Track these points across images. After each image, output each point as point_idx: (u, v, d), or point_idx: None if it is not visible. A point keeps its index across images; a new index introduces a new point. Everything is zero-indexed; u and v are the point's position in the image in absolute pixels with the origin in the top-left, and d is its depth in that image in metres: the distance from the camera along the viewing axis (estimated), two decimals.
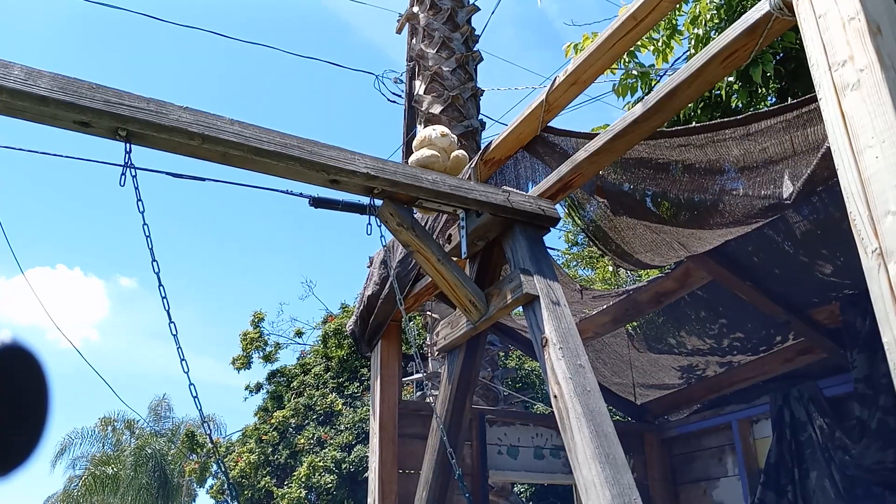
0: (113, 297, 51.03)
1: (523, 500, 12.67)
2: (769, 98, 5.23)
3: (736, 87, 5.04)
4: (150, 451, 23.18)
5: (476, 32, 8.89)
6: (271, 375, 16.99)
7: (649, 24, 3.30)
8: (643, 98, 5.56)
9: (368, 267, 5.07)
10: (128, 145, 2.77)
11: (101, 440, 24.76)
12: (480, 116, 8.52)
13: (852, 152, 2.11)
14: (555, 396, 3.08)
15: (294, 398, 15.54)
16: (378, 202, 3.36)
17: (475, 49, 8.74)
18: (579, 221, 4.70)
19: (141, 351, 49.15)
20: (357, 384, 15.14)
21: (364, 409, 14.20)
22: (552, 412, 3.22)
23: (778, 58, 4.94)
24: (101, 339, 46.84)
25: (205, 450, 17.96)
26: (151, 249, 2.73)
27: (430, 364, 7.91)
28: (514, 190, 3.69)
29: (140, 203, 2.74)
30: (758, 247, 4.90)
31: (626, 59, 5.55)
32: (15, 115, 2.62)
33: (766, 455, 5.53)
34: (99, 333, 48.12)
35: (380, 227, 3.39)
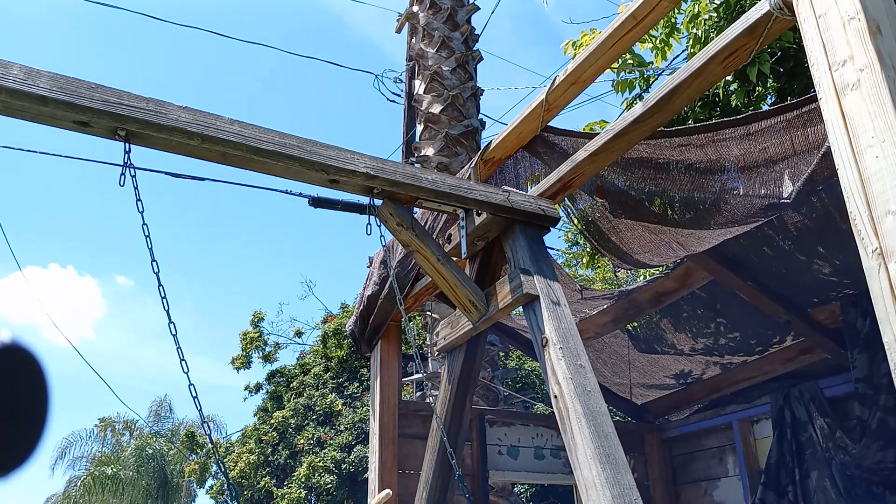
0: (109, 296, 50.89)
1: (523, 500, 12.67)
2: (768, 97, 5.23)
3: (735, 86, 5.04)
4: (150, 451, 23.18)
5: (476, 32, 8.89)
6: (271, 376, 16.98)
7: (649, 24, 3.30)
8: (641, 94, 5.59)
9: (368, 267, 5.06)
10: (127, 145, 2.77)
11: (101, 441, 24.75)
12: (480, 116, 8.52)
13: (852, 152, 2.11)
14: (555, 396, 3.07)
15: (294, 398, 15.53)
16: (378, 202, 3.35)
17: (475, 48, 8.73)
18: (577, 222, 4.69)
19: (138, 351, 49.12)
20: (357, 384, 15.13)
21: (364, 409, 14.20)
22: (552, 412, 3.21)
23: (776, 57, 4.94)
24: (97, 339, 46.76)
25: (204, 450, 17.95)
26: (151, 249, 2.72)
27: (430, 364, 7.91)
28: (514, 189, 3.69)
29: (139, 203, 2.74)
30: (758, 247, 4.90)
31: (626, 56, 5.54)
32: (14, 114, 2.62)
33: (766, 455, 5.53)
34: (95, 333, 48.02)
35: (379, 226, 3.39)
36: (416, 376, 8.74)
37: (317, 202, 3.45)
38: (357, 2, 14.17)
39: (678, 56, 5.96)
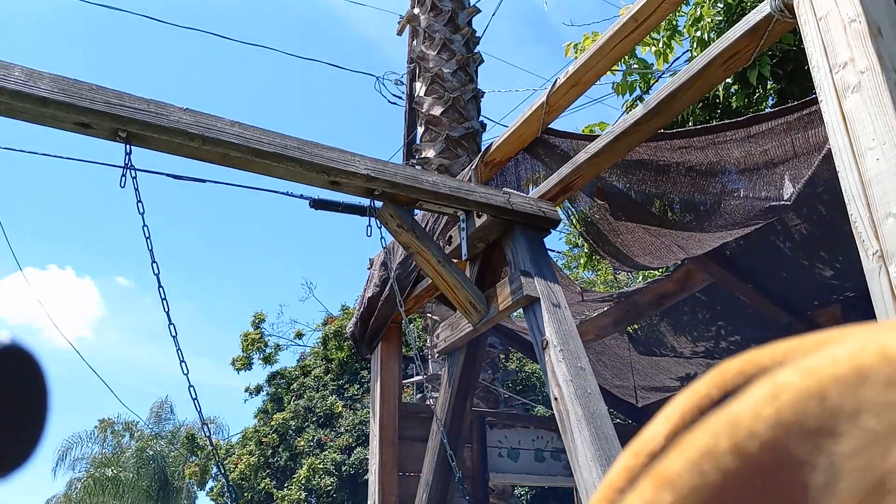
0: (108, 296, 50.73)
1: (524, 502, 12.66)
2: (769, 99, 5.23)
3: (735, 88, 5.04)
4: (150, 453, 23.16)
5: (476, 34, 8.89)
6: (271, 377, 16.97)
7: (650, 26, 3.30)
8: (642, 96, 5.59)
9: (369, 269, 5.06)
10: (128, 147, 2.77)
11: (101, 442, 24.72)
12: (481, 118, 8.52)
13: (853, 154, 2.11)
14: (555, 399, 3.07)
15: (294, 400, 15.53)
16: (378, 204, 3.36)
17: (476, 51, 8.74)
18: (577, 224, 4.69)
19: (138, 351, 49.02)
20: (357, 386, 15.13)
21: (364, 411, 14.19)
22: (553, 414, 3.21)
23: (776, 59, 4.94)
24: (96, 340, 46.66)
25: (205, 452, 17.93)
26: (151, 251, 2.73)
27: (430, 366, 7.90)
28: (515, 192, 3.69)
29: (140, 205, 2.74)
30: (758, 249, 4.90)
31: (627, 58, 5.54)
32: (16, 116, 2.62)
33: None
34: (95, 334, 47.90)
35: (380, 228, 3.39)
36: (416, 378, 8.74)
37: (318, 204, 3.45)
38: (358, 3, 14.22)
39: (679, 58, 5.96)
